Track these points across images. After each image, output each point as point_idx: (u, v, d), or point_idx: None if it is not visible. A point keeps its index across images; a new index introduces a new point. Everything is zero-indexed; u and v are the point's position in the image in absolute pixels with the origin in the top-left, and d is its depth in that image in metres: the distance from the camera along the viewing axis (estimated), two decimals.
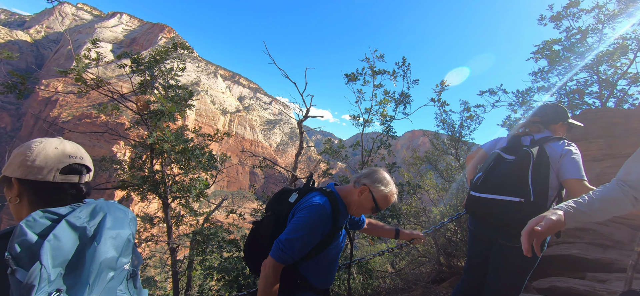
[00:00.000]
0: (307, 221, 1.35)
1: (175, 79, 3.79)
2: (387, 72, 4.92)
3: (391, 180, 1.55)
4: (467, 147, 6.00)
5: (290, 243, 1.33)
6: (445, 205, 5.67)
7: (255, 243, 1.57)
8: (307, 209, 1.38)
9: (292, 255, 1.34)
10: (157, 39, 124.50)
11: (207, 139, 4.34)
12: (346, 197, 1.54)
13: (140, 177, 3.78)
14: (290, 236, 1.34)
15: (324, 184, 2.01)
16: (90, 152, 3.57)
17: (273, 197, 1.63)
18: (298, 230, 1.34)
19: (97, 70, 3.35)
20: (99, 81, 3.00)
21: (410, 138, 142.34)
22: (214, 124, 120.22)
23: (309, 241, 1.37)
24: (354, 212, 1.56)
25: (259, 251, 1.51)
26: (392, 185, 1.54)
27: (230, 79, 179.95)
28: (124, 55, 3.16)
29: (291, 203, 1.47)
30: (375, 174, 1.52)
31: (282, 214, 1.47)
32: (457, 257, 4.64)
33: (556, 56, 6.47)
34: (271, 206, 1.57)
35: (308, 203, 1.41)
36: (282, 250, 1.33)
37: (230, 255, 4.56)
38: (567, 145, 1.67)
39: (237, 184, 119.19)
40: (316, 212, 1.36)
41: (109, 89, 3.24)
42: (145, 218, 4.60)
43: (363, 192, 1.49)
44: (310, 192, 1.51)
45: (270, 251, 1.37)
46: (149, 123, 3.43)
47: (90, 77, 2.95)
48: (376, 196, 1.49)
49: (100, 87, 3.07)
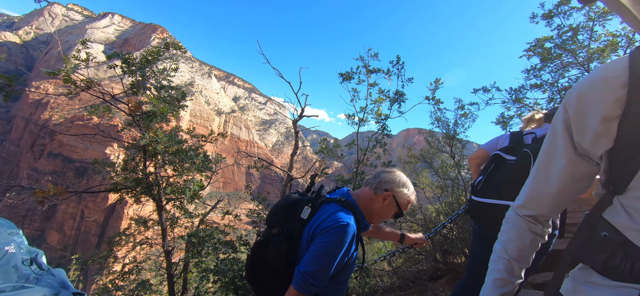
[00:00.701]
0: (338, 247, 1.19)
1: (168, 80, 3.74)
2: (382, 71, 4.92)
3: (408, 180, 1.46)
4: (461, 144, 6.03)
5: (322, 274, 1.18)
6: (441, 203, 5.70)
7: (263, 267, 1.36)
8: (335, 232, 1.19)
9: (321, 284, 1.20)
10: (149, 39, 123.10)
11: (201, 140, 4.29)
12: (367, 206, 1.41)
13: (134, 179, 3.73)
14: (319, 266, 1.17)
15: (319, 183, 1.95)
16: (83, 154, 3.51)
17: (278, 210, 1.38)
18: (328, 259, 1.18)
19: (87, 71, 3.28)
20: (89, 82, 2.94)
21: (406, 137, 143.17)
22: (209, 125, 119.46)
23: (339, 266, 1.23)
24: (376, 221, 1.45)
25: (268, 276, 1.34)
26: (412, 186, 1.45)
27: (225, 80, 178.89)
28: (115, 55, 3.10)
29: (304, 219, 1.28)
30: (397, 177, 1.41)
31: (294, 234, 1.28)
32: (453, 254, 4.67)
33: (548, 53, 6.55)
34: (278, 222, 1.35)
35: (333, 222, 1.21)
36: (312, 284, 1.17)
37: (226, 257, 4.53)
38: None
39: (233, 185, 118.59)
40: (346, 234, 1.20)
41: (99, 90, 3.18)
42: (139, 220, 4.54)
43: (386, 198, 1.38)
44: (325, 203, 1.32)
45: (293, 282, 1.19)
46: (141, 124, 3.37)
47: (80, 79, 2.89)
48: (400, 201, 1.39)
49: (91, 88, 3.01)
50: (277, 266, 1.29)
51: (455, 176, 5.89)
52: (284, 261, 1.27)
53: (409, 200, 1.42)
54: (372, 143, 5.08)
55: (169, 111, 3.25)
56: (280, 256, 1.28)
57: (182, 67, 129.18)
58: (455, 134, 5.86)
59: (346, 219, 1.23)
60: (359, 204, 1.40)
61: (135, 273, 4.78)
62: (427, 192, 6.10)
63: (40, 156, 77.80)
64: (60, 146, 76.52)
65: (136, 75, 3.29)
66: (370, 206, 1.41)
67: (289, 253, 1.27)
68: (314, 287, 1.18)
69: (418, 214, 5.58)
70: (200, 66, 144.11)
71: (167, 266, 4.53)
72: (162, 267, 5.60)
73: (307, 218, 1.28)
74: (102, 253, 4.22)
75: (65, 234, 65.37)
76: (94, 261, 4.25)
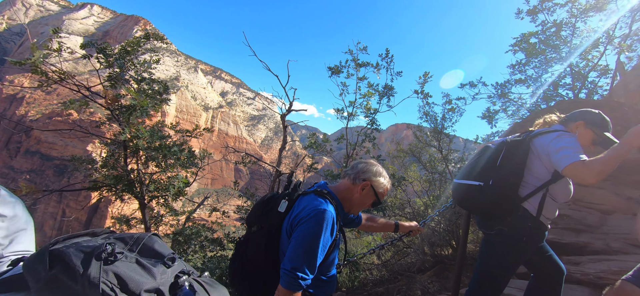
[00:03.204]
0: (318, 233, 1.18)
1: (149, 72, 3.56)
2: (371, 65, 4.89)
3: (384, 170, 1.51)
4: (449, 139, 6.11)
5: (309, 265, 1.17)
6: (428, 196, 5.77)
7: (244, 266, 1.35)
8: (314, 219, 1.19)
9: (311, 275, 1.19)
10: (132, 32, 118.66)
11: (185, 135, 4.14)
12: (345, 197, 1.43)
13: (114, 176, 3.56)
14: (304, 257, 1.16)
15: (310, 179, 1.90)
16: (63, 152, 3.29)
17: (256, 208, 1.40)
18: (311, 247, 1.17)
19: (66, 64, 3.08)
20: (61, 73, 2.75)
21: (394, 131, 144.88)
22: (196, 121, 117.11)
23: (323, 252, 1.22)
24: (355, 211, 1.47)
25: (250, 275, 1.32)
26: (387, 175, 1.51)
27: (212, 74, 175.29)
28: (90, 44, 2.91)
29: (281, 212, 1.29)
30: (373, 167, 1.45)
31: (273, 228, 1.28)
32: (440, 246, 4.74)
33: (533, 48, 6.70)
34: (256, 220, 1.36)
35: (311, 210, 1.22)
36: (302, 278, 1.15)
37: (213, 254, 4.44)
38: (557, 137, 1.56)
39: (221, 182, 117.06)
40: (324, 219, 1.20)
41: (74, 82, 2.99)
42: (121, 219, 4.37)
43: (364, 188, 1.41)
44: (303, 196, 1.33)
45: (281, 281, 1.17)
46: (120, 119, 3.21)
47: (52, 70, 2.70)
48: (378, 190, 1.43)
49: (64, 80, 2.82)
50: (259, 263, 1.29)
51: (442, 169, 5.96)
52: (265, 256, 1.27)
53: (386, 188, 1.47)
54: (361, 138, 5.07)
55: (150, 105, 3.09)
56: (261, 252, 1.27)
57: (167, 61, 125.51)
58: (443, 128, 5.92)
59: (323, 206, 1.24)
60: (338, 195, 1.42)
61: None
62: (416, 186, 6.15)
63: (17, 154, 74.24)
64: (38, 143, 73.26)
65: (114, 66, 3.10)
66: (349, 196, 1.43)
67: (269, 248, 1.27)
68: (304, 281, 1.16)
69: (407, 208, 5.62)
70: (186, 60, 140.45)
71: None
72: None
73: (285, 210, 1.29)
74: None
75: (45, 235, 62.96)
76: None
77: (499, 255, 1.71)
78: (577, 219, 3.73)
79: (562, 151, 1.47)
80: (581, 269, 2.85)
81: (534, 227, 1.62)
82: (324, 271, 1.36)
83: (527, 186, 1.63)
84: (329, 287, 1.42)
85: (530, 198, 1.62)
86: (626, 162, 3.97)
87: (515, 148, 1.66)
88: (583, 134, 1.68)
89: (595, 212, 3.89)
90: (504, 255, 1.69)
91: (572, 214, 3.81)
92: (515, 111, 7.67)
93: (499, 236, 1.68)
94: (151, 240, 0.75)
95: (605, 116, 1.67)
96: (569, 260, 3.08)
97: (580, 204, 4.04)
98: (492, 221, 1.70)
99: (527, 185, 1.63)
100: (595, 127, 1.66)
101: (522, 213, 1.63)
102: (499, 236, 1.69)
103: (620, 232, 3.41)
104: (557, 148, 1.50)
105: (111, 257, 0.62)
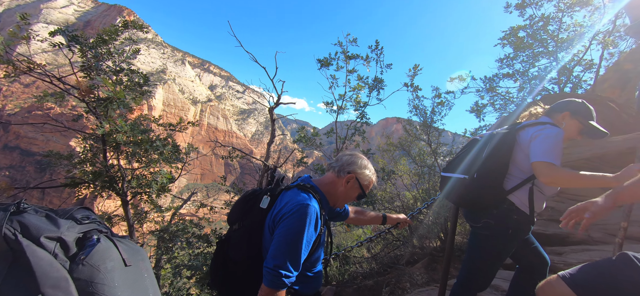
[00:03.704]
0: (301, 229, 1.14)
1: (128, 63, 3.38)
2: (361, 57, 4.83)
3: (369, 162, 1.47)
4: (438, 133, 6.15)
5: (292, 262, 1.12)
6: (418, 190, 5.80)
7: (226, 266, 1.29)
8: (297, 215, 1.15)
9: (295, 273, 1.15)
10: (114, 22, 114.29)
11: (169, 128, 3.99)
12: (330, 190, 1.39)
13: (93, 172, 3.39)
14: (287, 254, 1.12)
15: (300, 173, 1.84)
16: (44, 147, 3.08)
17: (237, 206, 1.34)
18: (294, 243, 1.13)
19: (45, 56, 2.88)
20: (30, 63, 2.56)
21: (385, 125, 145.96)
22: (185, 115, 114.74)
23: (307, 248, 1.18)
24: (340, 204, 1.44)
25: (232, 275, 1.27)
26: (372, 167, 1.47)
27: (200, 67, 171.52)
28: (59, 31, 2.70)
29: (263, 209, 1.23)
30: (358, 159, 1.42)
31: (255, 226, 1.23)
32: (429, 239, 4.79)
33: (521, 42, 6.78)
34: (237, 218, 1.31)
35: (293, 205, 1.17)
36: (285, 276, 1.10)
37: (200, 251, 4.34)
38: (541, 129, 1.56)
39: (211, 176, 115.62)
40: (306, 214, 1.16)
41: (45, 73, 2.79)
42: (103, 217, 4.20)
43: (349, 180, 1.37)
44: (286, 191, 1.28)
45: (264, 280, 1.12)
46: (97, 112, 3.04)
47: (20, 59, 2.51)
48: (363, 182, 1.40)
49: (33, 70, 2.63)
50: (241, 262, 1.23)
51: (431, 163, 6.00)
52: (246, 255, 1.22)
53: (371, 181, 1.44)
54: (351, 131, 5.02)
55: (128, 97, 2.92)
56: (242, 250, 1.23)
57: (152, 53, 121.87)
58: (432, 122, 5.95)
59: (306, 200, 1.20)
60: (322, 188, 1.38)
61: None
62: (405, 179, 6.18)
63: None
64: (17, 138, 70.40)
65: (87, 54, 2.92)
66: (333, 190, 1.40)
67: (250, 245, 1.22)
68: (288, 279, 1.12)
69: (396, 201, 5.65)
70: (173, 52, 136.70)
71: None
72: None
73: (268, 207, 1.24)
74: None
75: None
76: None
77: (486, 248, 1.70)
78: (562, 211, 3.81)
79: (537, 144, 1.52)
80: (564, 259, 2.91)
81: (520, 219, 1.61)
82: (309, 267, 1.32)
83: (513, 179, 1.62)
84: (315, 283, 1.38)
85: (515, 190, 1.61)
86: (608, 154, 4.07)
87: (501, 140, 1.65)
88: (570, 125, 1.69)
89: None
90: (490, 247, 1.68)
91: (556, 206, 3.91)
92: (502, 105, 7.80)
93: (485, 229, 1.68)
94: (80, 211, 0.84)
95: (589, 105, 1.68)
96: (552, 251, 3.15)
97: (564, 196, 4.13)
98: (478, 214, 1.70)
99: (513, 178, 1.62)
100: (581, 117, 1.66)
101: (508, 205, 1.62)
102: (485, 229, 1.68)
103: (600, 222, 3.51)
104: (536, 140, 1.53)
105: (19, 210, 0.71)
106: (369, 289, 3.81)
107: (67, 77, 3.10)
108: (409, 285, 3.64)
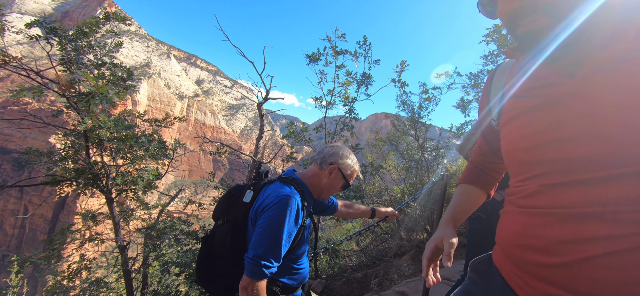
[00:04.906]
0: (281, 220, 1.16)
1: (110, 56, 3.27)
2: (349, 52, 4.84)
3: (351, 152, 1.50)
4: (425, 128, 6.27)
5: (272, 252, 1.14)
6: (405, 184, 5.92)
7: (211, 261, 1.31)
8: (277, 206, 1.17)
9: (276, 264, 1.16)
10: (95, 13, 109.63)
11: (155, 124, 3.90)
12: (314, 182, 1.41)
13: (75, 170, 3.29)
14: (268, 245, 1.13)
15: (287, 168, 1.85)
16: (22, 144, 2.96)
17: (221, 202, 1.38)
18: (275, 234, 1.14)
19: (21, 48, 2.74)
20: (5, 56, 2.45)
21: (374, 121, 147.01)
22: (171, 110, 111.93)
23: (288, 240, 1.20)
24: (325, 196, 1.45)
25: (217, 270, 1.28)
26: (355, 157, 1.50)
27: (186, 61, 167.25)
28: (36, 23, 2.58)
29: (247, 203, 1.26)
30: (340, 150, 1.44)
31: (238, 220, 1.25)
32: (416, 231, 4.92)
33: (505, 39, 6.94)
34: (221, 214, 1.34)
35: (275, 196, 1.19)
36: (265, 266, 1.12)
37: (189, 248, 4.29)
38: None
39: (199, 173, 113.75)
40: (288, 205, 1.18)
41: (21, 66, 2.67)
42: (87, 215, 4.09)
43: (332, 171, 1.39)
44: (268, 184, 1.30)
45: (245, 270, 1.13)
46: (78, 107, 2.94)
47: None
48: (346, 172, 1.42)
49: (8, 64, 2.52)
50: (225, 256, 1.25)
51: (419, 158, 6.12)
52: (230, 249, 1.24)
53: (354, 170, 1.46)
54: (340, 127, 5.06)
55: (111, 91, 2.84)
56: (227, 245, 1.24)
57: (136, 46, 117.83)
58: (419, 117, 6.05)
59: (287, 192, 1.21)
60: (305, 181, 1.40)
61: (85, 272, 4.35)
62: (393, 174, 6.29)
63: None
64: None
65: (66, 47, 2.80)
66: (317, 181, 1.41)
67: (234, 239, 1.24)
68: (268, 269, 1.13)
69: (384, 195, 5.75)
70: (158, 45, 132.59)
71: (122, 262, 4.18)
72: (118, 263, 5.18)
73: (251, 200, 1.26)
74: (41, 253, 3.74)
75: (7, 234, 58.47)
76: (32, 263, 3.76)
77: (478, 241, 1.76)
78: None
79: None
80: None
81: None
82: (294, 259, 1.35)
83: None
84: (301, 275, 1.40)
85: None
86: None
87: None
88: None
89: None
90: (482, 240, 1.74)
91: None
92: None
93: (477, 224, 1.74)
94: None
95: None
96: None
97: None
98: None
99: None
100: None
101: (501, 199, 1.67)
102: (477, 224, 1.74)
103: None
104: None
105: None
106: (358, 281, 3.89)
107: (45, 71, 2.98)
108: (396, 276, 3.73)
